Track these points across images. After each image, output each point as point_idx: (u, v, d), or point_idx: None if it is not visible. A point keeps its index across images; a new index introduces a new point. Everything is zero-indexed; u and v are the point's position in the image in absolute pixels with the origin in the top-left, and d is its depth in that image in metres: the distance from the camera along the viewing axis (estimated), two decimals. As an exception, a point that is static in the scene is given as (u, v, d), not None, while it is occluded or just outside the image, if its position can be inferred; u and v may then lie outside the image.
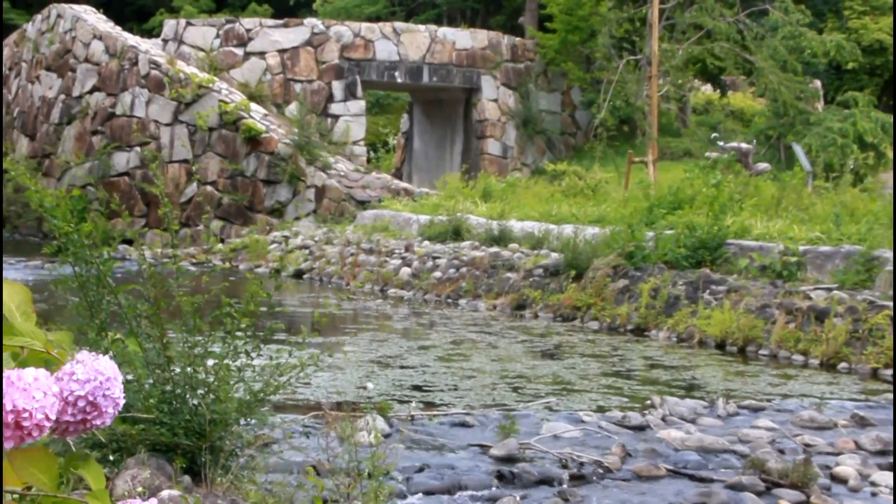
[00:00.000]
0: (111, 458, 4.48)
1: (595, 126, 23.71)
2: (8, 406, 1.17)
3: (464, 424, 6.84)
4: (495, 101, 24.56)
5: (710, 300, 11.25)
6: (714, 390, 8.50)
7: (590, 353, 10.28)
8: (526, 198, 18.36)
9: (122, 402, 1.27)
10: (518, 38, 25.91)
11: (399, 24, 24.36)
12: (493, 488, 5.46)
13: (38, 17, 25.43)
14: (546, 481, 5.62)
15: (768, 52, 22.56)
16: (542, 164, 24.17)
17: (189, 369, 4.62)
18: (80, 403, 1.23)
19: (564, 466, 5.85)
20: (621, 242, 12.53)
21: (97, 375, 1.24)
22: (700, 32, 23.32)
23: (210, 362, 4.68)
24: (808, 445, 6.50)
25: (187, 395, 4.64)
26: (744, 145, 18.92)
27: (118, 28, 23.57)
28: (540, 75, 25.61)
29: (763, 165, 18.77)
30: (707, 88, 29.24)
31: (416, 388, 8.29)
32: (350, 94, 22.88)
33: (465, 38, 24.40)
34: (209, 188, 20.37)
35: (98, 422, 1.25)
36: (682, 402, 7.56)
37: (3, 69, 26.87)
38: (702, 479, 5.77)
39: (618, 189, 18.93)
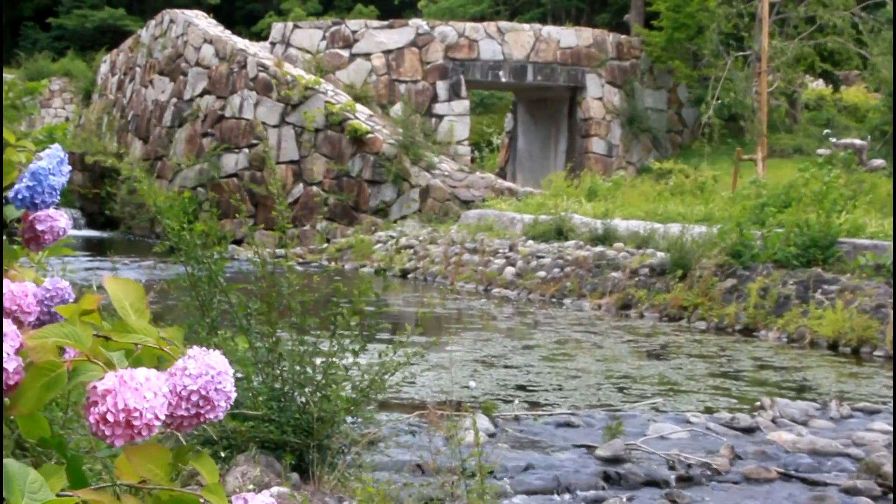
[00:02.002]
0: (222, 454, 4.56)
1: (702, 124, 23.36)
2: (119, 405, 1.20)
3: (569, 425, 6.80)
4: (600, 99, 24.36)
5: (821, 300, 10.98)
6: (826, 392, 8.29)
7: (697, 353, 10.12)
8: (631, 196, 18.18)
9: (233, 396, 1.29)
10: (623, 36, 25.66)
11: (503, 24, 24.34)
12: (599, 489, 5.41)
13: (152, 22, 26.08)
14: (653, 483, 5.54)
15: (884, 45, 21.93)
16: (648, 163, 23.90)
17: (297, 367, 4.68)
18: (193, 398, 1.25)
19: (672, 468, 5.77)
20: (729, 241, 12.31)
21: (209, 370, 1.26)
22: (812, 27, 22.78)
23: (318, 360, 4.73)
24: (926, 450, 6.29)
25: (295, 393, 4.70)
26: (857, 142, 18.43)
27: (228, 32, 24.04)
28: (646, 73, 25.33)
29: (878, 162, 18.26)
30: (818, 84, 28.54)
31: (521, 387, 8.27)
32: (454, 93, 22.94)
33: (569, 37, 24.26)
34: (315, 189, 20.63)
35: (211, 416, 1.27)
36: (793, 404, 7.39)
37: (119, 74, 27.62)
38: (814, 483, 5.62)
39: (725, 187, 18.60)
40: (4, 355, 1.26)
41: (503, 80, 23.69)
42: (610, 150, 24.40)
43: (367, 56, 22.94)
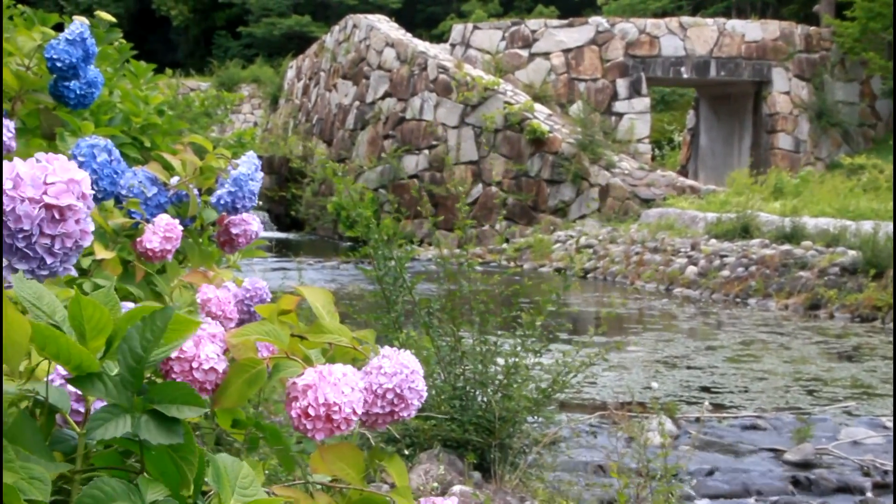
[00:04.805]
0: (406, 452, 4.64)
1: (897, 116, 22.36)
2: (320, 399, 1.24)
3: (755, 427, 6.63)
4: (787, 93, 23.62)
5: None
6: None
7: (892, 355, 9.70)
8: (820, 193, 17.55)
9: (425, 394, 1.32)
10: (812, 28, 24.79)
11: (686, 19, 23.88)
12: (789, 494, 5.25)
13: (336, 28, 26.74)
14: (846, 489, 5.34)
15: None
16: (838, 158, 23.02)
17: (480, 366, 4.72)
18: (389, 396, 1.29)
19: (866, 474, 5.55)
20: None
21: (402, 369, 1.29)
22: None
23: (500, 360, 4.76)
24: None
25: (477, 392, 4.73)
26: None
27: (409, 35, 24.42)
28: (836, 65, 24.40)
29: None
30: None
31: (704, 389, 8.11)
32: (635, 91, 22.66)
33: (754, 30, 23.61)
34: (494, 189, 20.74)
35: (405, 413, 1.30)
36: None
37: (304, 79, 28.45)
38: None
39: (923, 183, 17.75)
40: (214, 356, 1.32)
41: (685, 76, 23.25)
42: (797, 145, 23.63)
43: (546, 55, 22.91)
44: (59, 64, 2.57)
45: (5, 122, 2.47)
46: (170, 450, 1.18)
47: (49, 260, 1.06)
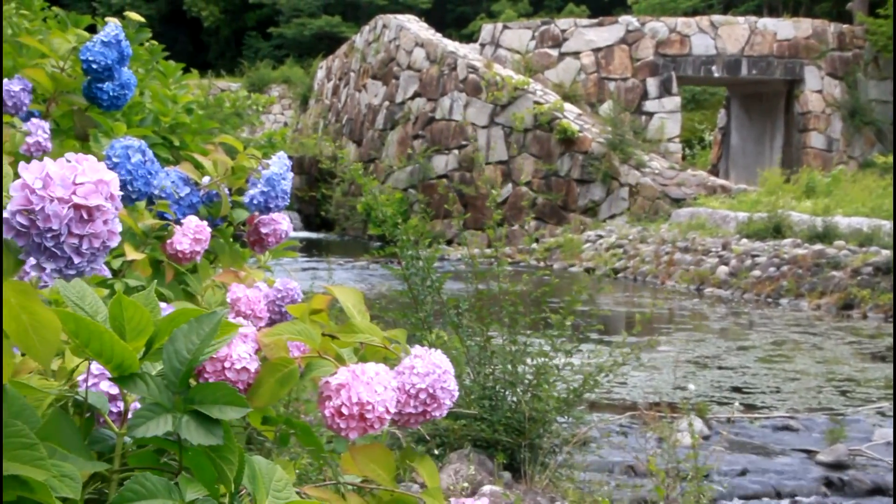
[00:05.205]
0: (435, 452, 4.64)
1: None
2: (353, 398, 1.24)
3: (787, 428, 6.59)
4: (819, 92, 23.44)
5: None
6: None
7: (926, 357, 9.61)
8: (853, 192, 17.41)
9: (456, 394, 1.32)
10: (845, 26, 24.59)
11: (717, 17, 23.76)
12: (821, 495, 5.22)
13: (366, 28, 26.80)
14: (880, 490, 5.30)
15: None
16: (872, 157, 22.81)
17: (509, 366, 4.71)
18: (421, 396, 1.29)
19: (900, 477, 5.50)
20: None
21: (435, 368, 1.29)
22: None
23: (529, 360, 4.75)
24: None
25: (507, 392, 4.73)
26: None
27: (438, 35, 24.43)
28: (870, 63, 24.19)
29: None
30: None
31: (736, 389, 8.06)
32: (665, 90, 22.57)
33: (787, 28, 23.45)
34: (524, 188, 20.71)
35: (437, 413, 1.31)
36: None
37: (334, 79, 28.53)
38: None
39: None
40: (246, 356, 1.33)
41: (716, 75, 23.12)
42: (830, 144, 23.44)
43: (576, 55, 22.85)
44: (94, 66, 2.59)
45: (41, 123, 2.49)
46: (209, 449, 1.19)
47: (76, 259, 1.07)
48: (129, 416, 1.26)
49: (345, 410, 1.23)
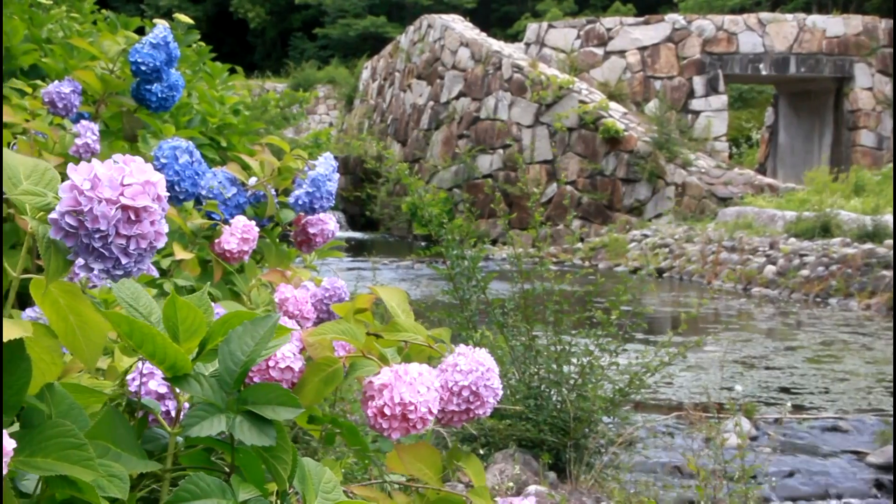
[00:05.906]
0: (480, 451, 4.64)
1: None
2: (396, 399, 1.25)
3: (836, 429, 6.51)
4: (870, 89, 23.14)
5: None
6: None
7: (979, 358, 9.46)
8: (904, 191, 17.19)
9: (500, 392, 1.32)
10: None
11: (764, 15, 23.53)
12: (871, 497, 5.15)
13: (411, 28, 26.84)
14: (930, 494, 5.23)
15: None
16: (923, 155, 22.51)
17: (554, 366, 4.70)
18: (465, 393, 1.29)
19: (951, 479, 5.42)
20: None
21: (478, 366, 1.30)
22: None
23: (574, 360, 4.74)
24: None
25: (552, 392, 4.72)
26: None
27: (483, 34, 24.42)
28: (920, 60, 23.86)
29: None
30: None
31: (784, 389, 7.98)
32: (712, 88, 22.40)
33: (836, 25, 23.18)
34: (569, 188, 20.65)
35: (480, 411, 1.31)
36: None
37: (379, 79, 28.61)
38: None
39: None
40: (290, 355, 1.34)
41: (764, 73, 22.91)
42: (880, 142, 23.14)
43: (621, 53, 22.75)
44: (143, 67, 2.62)
45: (90, 125, 2.52)
46: (262, 450, 1.20)
47: (124, 260, 1.08)
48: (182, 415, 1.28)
49: (387, 411, 1.23)
